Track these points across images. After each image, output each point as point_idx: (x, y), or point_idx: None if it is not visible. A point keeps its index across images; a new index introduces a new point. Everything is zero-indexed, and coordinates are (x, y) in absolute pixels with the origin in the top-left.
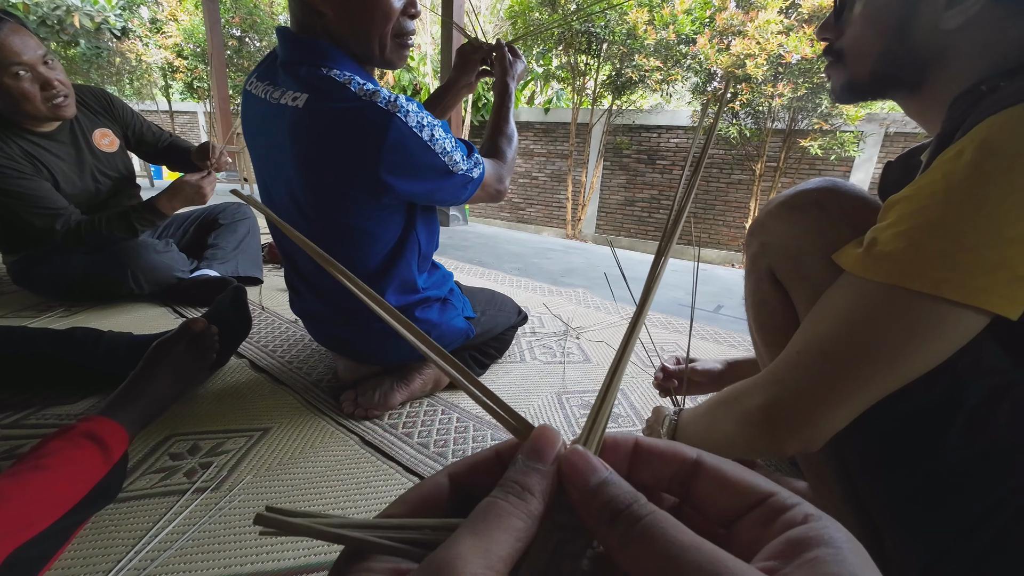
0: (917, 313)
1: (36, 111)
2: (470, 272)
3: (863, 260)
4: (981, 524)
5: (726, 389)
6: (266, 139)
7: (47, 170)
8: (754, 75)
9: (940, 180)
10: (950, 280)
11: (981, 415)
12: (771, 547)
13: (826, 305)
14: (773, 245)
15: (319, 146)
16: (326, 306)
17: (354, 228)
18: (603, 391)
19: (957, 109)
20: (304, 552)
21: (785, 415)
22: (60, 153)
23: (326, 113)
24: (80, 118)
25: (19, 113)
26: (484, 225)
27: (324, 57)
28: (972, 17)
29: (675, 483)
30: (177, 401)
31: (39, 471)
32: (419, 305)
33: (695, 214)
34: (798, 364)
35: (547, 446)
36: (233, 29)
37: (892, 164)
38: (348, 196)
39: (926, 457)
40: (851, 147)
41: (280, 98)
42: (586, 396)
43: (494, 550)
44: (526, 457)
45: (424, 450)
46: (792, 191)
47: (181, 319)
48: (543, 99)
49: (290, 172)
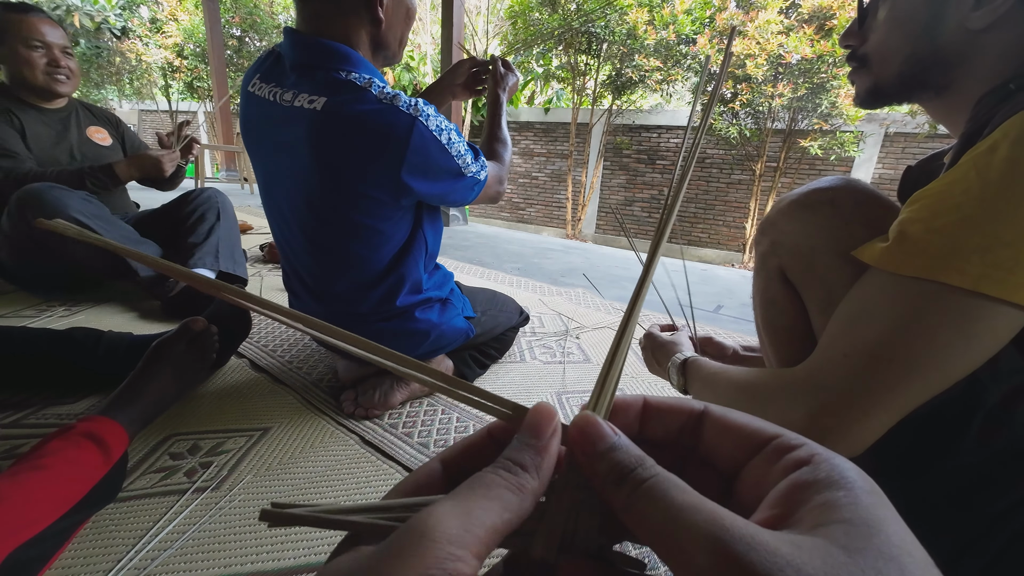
0: (965, 309)
1: (33, 78)
2: (470, 272)
3: (894, 254)
4: (996, 527)
5: (744, 380)
6: (273, 140)
7: (19, 123)
8: (754, 75)
9: (974, 175)
10: (989, 276)
11: (998, 416)
12: (777, 492)
13: (869, 305)
14: (784, 244)
15: (340, 148)
16: (326, 309)
17: (369, 228)
18: (610, 355)
19: (983, 108)
20: (304, 551)
21: (835, 423)
22: (44, 122)
23: (347, 116)
24: (80, 113)
25: (18, 80)
26: (484, 225)
27: (344, 61)
28: (1000, 17)
29: (685, 434)
30: (177, 401)
31: (39, 471)
32: (421, 305)
33: (695, 214)
34: (846, 369)
35: (543, 421)
36: (233, 29)
37: (912, 168)
38: (368, 197)
39: (942, 459)
40: (851, 147)
41: (293, 100)
42: (586, 396)
43: (476, 515)
44: (521, 434)
45: (424, 450)
46: (804, 189)
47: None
48: (543, 99)
49: (305, 173)
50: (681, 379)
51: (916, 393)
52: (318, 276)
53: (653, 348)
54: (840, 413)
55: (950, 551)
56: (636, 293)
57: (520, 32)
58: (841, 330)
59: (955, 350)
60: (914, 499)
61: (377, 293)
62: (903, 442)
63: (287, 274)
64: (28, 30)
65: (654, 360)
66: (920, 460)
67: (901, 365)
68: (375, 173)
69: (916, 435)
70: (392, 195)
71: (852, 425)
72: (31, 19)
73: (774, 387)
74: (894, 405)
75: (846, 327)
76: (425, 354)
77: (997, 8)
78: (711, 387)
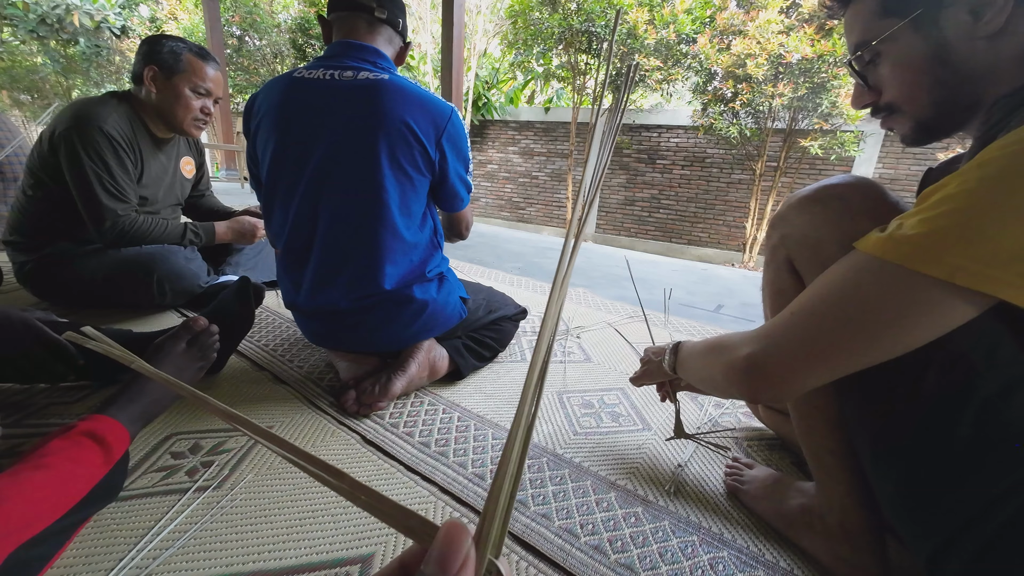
0: (916, 294)
1: (180, 122)
2: (471, 271)
3: (883, 242)
4: (987, 515)
5: (716, 338)
6: (329, 110)
7: (140, 158)
8: (754, 75)
9: (974, 171)
10: (965, 268)
11: (994, 406)
12: None
13: (828, 275)
14: (793, 236)
15: (405, 102)
16: (346, 292)
17: (408, 181)
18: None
19: (997, 110)
20: (306, 550)
21: (765, 367)
22: (159, 156)
23: (409, 87)
24: (180, 141)
25: (166, 115)
26: (484, 224)
27: (390, 66)
28: (1010, 20)
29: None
30: (178, 400)
31: (40, 470)
32: (418, 282)
33: (695, 213)
34: (787, 323)
35: (451, 553)
36: (233, 28)
37: (933, 171)
38: (416, 148)
39: (937, 447)
40: (851, 147)
41: (358, 75)
42: (587, 395)
43: None
44: (427, 565)
45: (425, 449)
46: (815, 186)
47: (183, 318)
48: (543, 98)
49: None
50: (672, 359)
51: (841, 354)
52: (336, 263)
53: (650, 356)
54: (773, 357)
55: (944, 536)
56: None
57: (520, 31)
58: (801, 293)
59: (889, 327)
60: (909, 482)
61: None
62: (900, 429)
63: (296, 270)
64: (202, 78)
65: (650, 365)
66: (917, 449)
67: (830, 325)
68: (425, 126)
69: (913, 423)
70: (431, 151)
71: (779, 368)
72: (208, 68)
73: (734, 340)
74: (818, 359)
75: (804, 291)
76: (417, 333)
77: (1003, 8)
78: (692, 353)
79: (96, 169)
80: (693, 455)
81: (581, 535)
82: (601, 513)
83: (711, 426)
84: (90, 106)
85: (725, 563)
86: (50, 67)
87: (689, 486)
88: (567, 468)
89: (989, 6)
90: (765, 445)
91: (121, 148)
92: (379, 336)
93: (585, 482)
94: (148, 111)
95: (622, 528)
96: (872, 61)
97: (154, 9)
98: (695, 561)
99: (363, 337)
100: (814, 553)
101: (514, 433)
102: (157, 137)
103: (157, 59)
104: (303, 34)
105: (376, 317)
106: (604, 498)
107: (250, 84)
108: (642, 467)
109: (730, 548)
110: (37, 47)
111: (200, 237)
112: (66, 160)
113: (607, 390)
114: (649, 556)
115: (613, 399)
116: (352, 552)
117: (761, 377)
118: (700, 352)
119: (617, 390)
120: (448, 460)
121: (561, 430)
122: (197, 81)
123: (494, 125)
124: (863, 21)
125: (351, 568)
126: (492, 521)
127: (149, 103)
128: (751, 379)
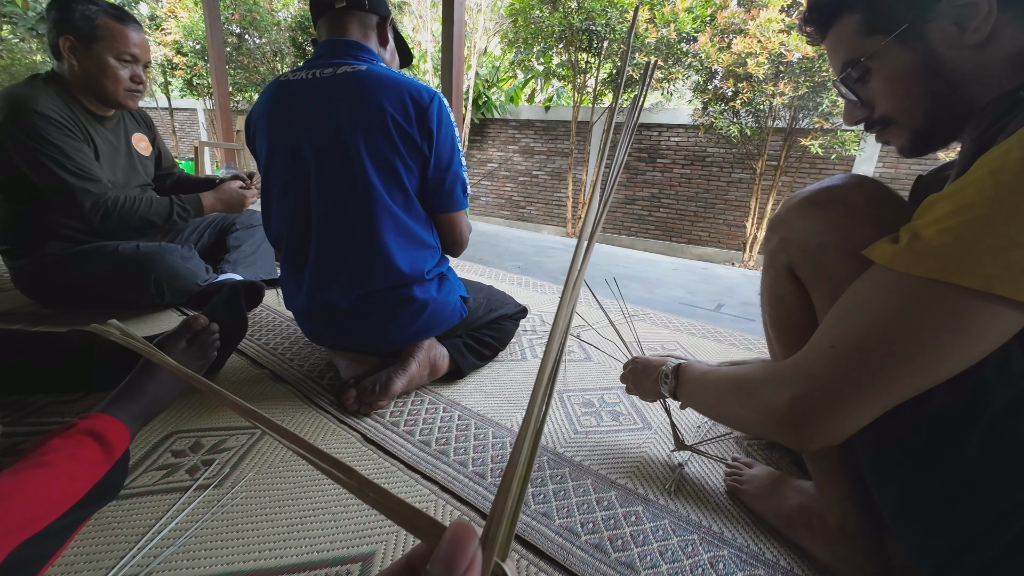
0: (964, 310)
1: (112, 95)
2: (471, 271)
3: (904, 255)
4: (995, 529)
5: (734, 373)
6: (311, 106)
7: (94, 146)
8: (755, 73)
9: (988, 177)
10: (1002, 277)
11: (1004, 420)
12: None
13: (862, 300)
14: (794, 241)
15: (382, 89)
16: (346, 291)
17: (394, 170)
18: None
19: (988, 114)
20: (306, 548)
21: (816, 411)
22: (108, 138)
23: (387, 73)
24: (126, 118)
25: (95, 89)
26: (484, 223)
27: (372, 56)
28: (996, 26)
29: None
30: (178, 398)
31: (40, 468)
32: (418, 282)
33: (695, 212)
34: (831, 359)
35: (458, 554)
36: (233, 26)
37: (923, 178)
38: (396, 135)
39: (944, 459)
40: (852, 146)
41: (338, 70)
42: (587, 394)
43: None
44: (433, 565)
45: (426, 448)
46: (816, 186)
47: (183, 317)
48: (543, 97)
49: (353, 122)
50: (673, 382)
51: (900, 387)
52: (340, 259)
53: (637, 371)
54: (822, 400)
55: (948, 550)
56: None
57: (521, 30)
58: (833, 322)
59: (945, 348)
60: (914, 497)
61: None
62: (905, 442)
63: (296, 269)
64: (125, 44)
65: (638, 379)
66: (923, 460)
67: (888, 359)
68: (403, 115)
69: (918, 435)
70: (420, 137)
71: (833, 412)
72: (130, 31)
73: (763, 377)
74: (876, 396)
75: (838, 319)
76: (417, 332)
77: (988, 16)
78: (704, 385)
79: (51, 154)
80: (693, 455)
81: (582, 534)
82: (601, 512)
83: (710, 426)
84: (16, 91)
85: (725, 561)
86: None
87: (689, 485)
88: (567, 467)
89: (973, 17)
90: (765, 444)
91: (65, 128)
92: (379, 336)
93: (585, 481)
94: (77, 87)
95: (622, 527)
96: (862, 78)
97: (153, 7)
98: (695, 560)
99: (363, 337)
100: (813, 552)
101: (523, 435)
102: (97, 114)
103: (71, 27)
104: (303, 32)
105: (376, 317)
106: (604, 497)
107: (250, 83)
108: (642, 466)
109: (730, 547)
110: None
111: (188, 211)
112: (16, 154)
113: (607, 389)
114: (650, 554)
115: (613, 398)
116: (353, 550)
117: (814, 425)
118: (717, 390)
119: (617, 389)
120: (448, 459)
121: (561, 429)
122: (120, 48)
123: (494, 124)
124: (847, 42)
125: (352, 566)
126: (499, 523)
127: (75, 78)
128: (802, 428)
